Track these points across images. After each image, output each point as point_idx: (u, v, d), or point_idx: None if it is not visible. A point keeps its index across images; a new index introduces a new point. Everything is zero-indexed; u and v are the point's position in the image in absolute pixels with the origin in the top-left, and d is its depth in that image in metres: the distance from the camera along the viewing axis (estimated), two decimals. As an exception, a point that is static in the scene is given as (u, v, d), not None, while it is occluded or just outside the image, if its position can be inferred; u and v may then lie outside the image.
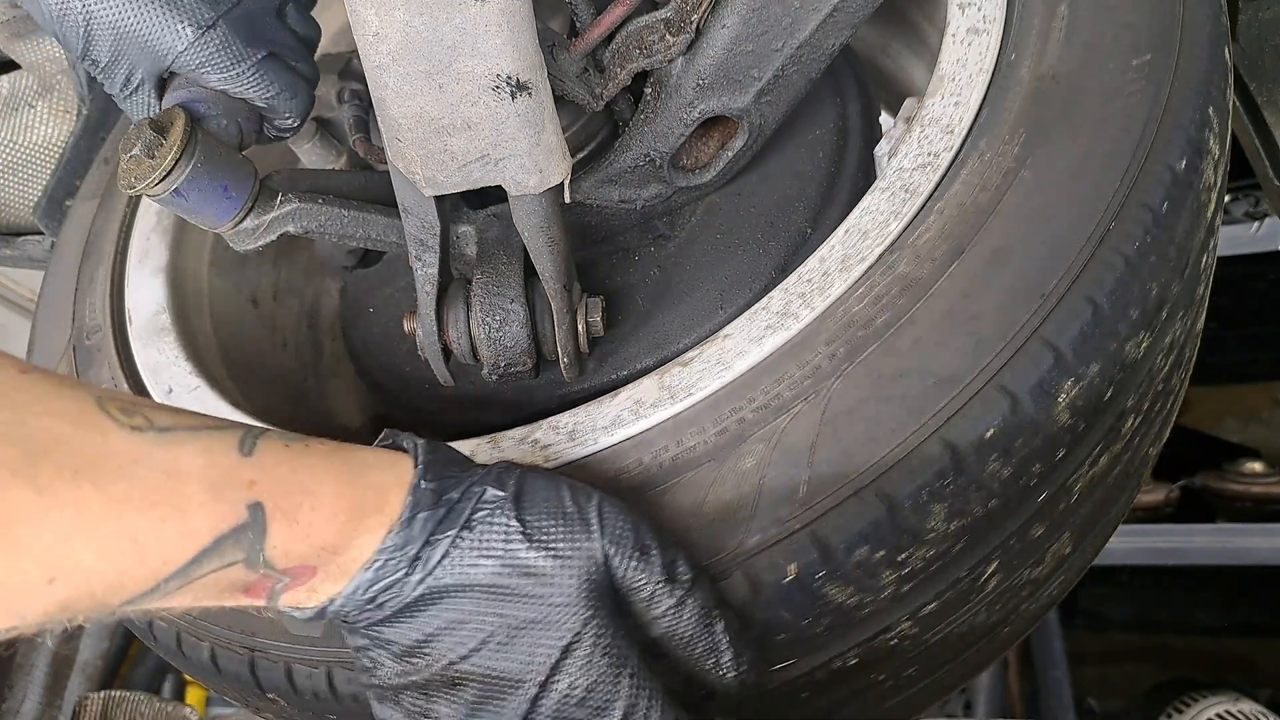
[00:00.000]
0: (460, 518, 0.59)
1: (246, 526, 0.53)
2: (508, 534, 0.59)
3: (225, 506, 0.52)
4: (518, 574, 0.59)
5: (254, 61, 0.73)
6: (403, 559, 0.57)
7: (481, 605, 0.58)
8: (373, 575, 0.57)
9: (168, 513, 0.50)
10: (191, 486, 0.51)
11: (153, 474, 0.50)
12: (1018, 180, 0.70)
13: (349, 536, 0.57)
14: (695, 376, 0.72)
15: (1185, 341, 0.79)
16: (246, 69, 0.73)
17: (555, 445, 0.73)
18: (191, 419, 0.56)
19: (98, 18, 0.68)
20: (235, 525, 0.53)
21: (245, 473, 0.54)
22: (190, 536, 0.51)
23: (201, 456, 0.53)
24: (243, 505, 0.53)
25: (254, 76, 0.73)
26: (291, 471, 0.56)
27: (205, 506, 0.52)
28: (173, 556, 0.51)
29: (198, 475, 0.52)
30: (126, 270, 1.03)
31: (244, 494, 0.53)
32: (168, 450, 0.52)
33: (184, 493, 0.51)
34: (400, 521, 0.58)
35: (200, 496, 0.52)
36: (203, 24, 0.70)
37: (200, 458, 0.53)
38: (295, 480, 0.56)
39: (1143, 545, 2.09)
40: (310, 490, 0.56)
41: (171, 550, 0.51)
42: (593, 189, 0.89)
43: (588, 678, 0.58)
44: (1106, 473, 0.74)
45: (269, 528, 0.54)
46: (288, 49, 0.76)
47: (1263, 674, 2.29)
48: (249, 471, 0.54)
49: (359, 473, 0.59)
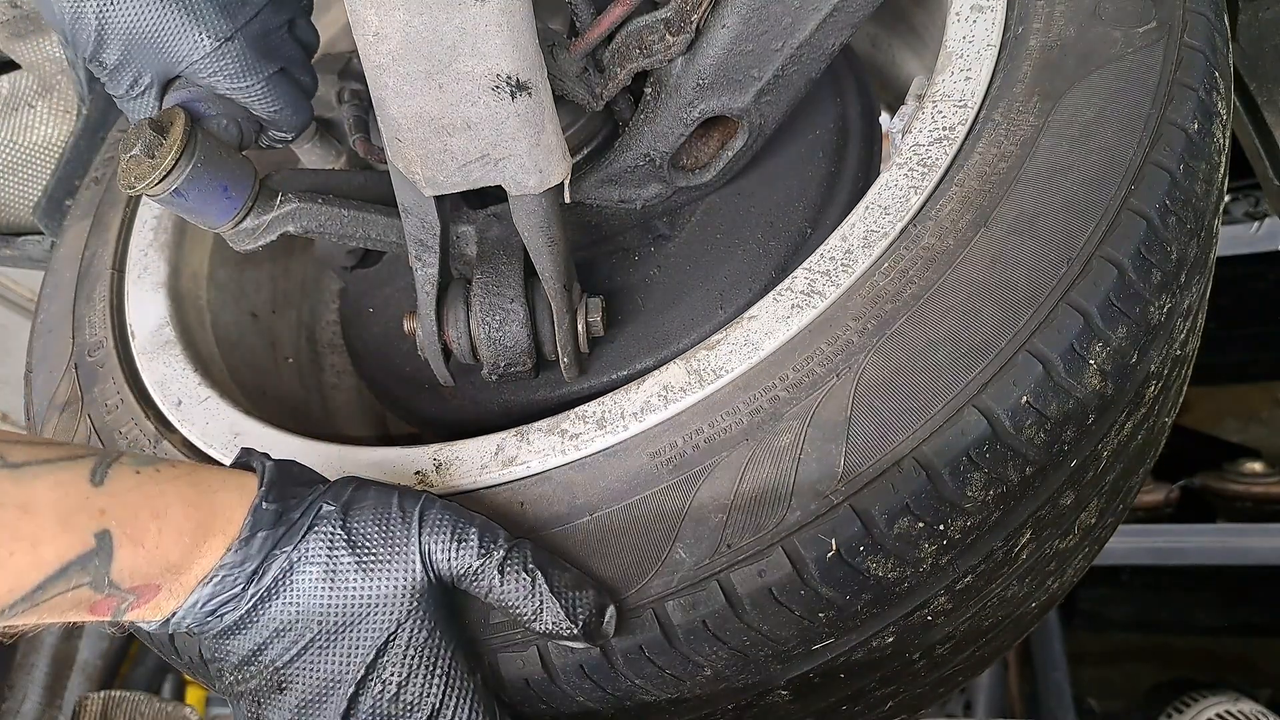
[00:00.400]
0: (298, 534, 0.63)
1: (93, 553, 0.56)
2: (332, 542, 0.63)
3: (74, 536, 0.55)
4: (339, 579, 0.62)
5: (265, 76, 0.74)
6: (240, 574, 0.61)
7: (305, 611, 0.62)
8: (211, 590, 0.61)
9: (18, 547, 0.53)
10: (42, 519, 0.54)
11: (6, 512, 0.53)
12: (1036, 148, 0.72)
13: (193, 556, 0.60)
14: (724, 359, 0.73)
15: (1199, 307, 0.80)
16: (257, 83, 0.74)
17: (584, 434, 0.74)
18: (47, 450, 0.58)
19: (112, 21, 0.69)
20: (82, 553, 0.55)
21: (96, 501, 0.57)
22: (37, 566, 0.54)
23: (54, 490, 0.56)
24: (90, 534, 0.56)
25: (263, 90, 0.74)
26: (142, 497, 0.59)
27: (56, 538, 0.55)
28: (19, 585, 0.54)
29: (49, 508, 0.55)
30: (125, 286, 1.03)
31: (94, 522, 0.56)
32: (21, 487, 0.55)
33: (35, 525, 0.54)
34: (239, 540, 0.61)
35: (51, 529, 0.55)
36: (220, 35, 0.70)
37: (53, 491, 0.56)
38: (145, 505, 0.59)
39: (1143, 545, 2.09)
40: (159, 514, 0.59)
41: (18, 580, 0.53)
42: (593, 189, 0.89)
43: (399, 675, 0.62)
44: (1131, 439, 0.75)
45: (116, 553, 0.57)
46: (296, 64, 0.77)
47: (1263, 674, 2.29)
48: (100, 500, 0.57)
49: (206, 495, 0.62)
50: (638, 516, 0.68)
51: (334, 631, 0.62)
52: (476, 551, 0.65)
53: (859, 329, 0.70)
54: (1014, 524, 0.69)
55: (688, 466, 0.69)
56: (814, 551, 0.64)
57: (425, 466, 0.77)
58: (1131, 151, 0.70)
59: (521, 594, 0.64)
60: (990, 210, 0.71)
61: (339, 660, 0.62)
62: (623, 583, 0.67)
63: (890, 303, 0.70)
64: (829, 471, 0.65)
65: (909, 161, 0.76)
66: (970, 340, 0.66)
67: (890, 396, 0.66)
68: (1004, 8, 0.81)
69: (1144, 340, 0.68)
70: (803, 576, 0.64)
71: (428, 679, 0.63)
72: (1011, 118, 0.75)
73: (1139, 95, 0.72)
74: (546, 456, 0.74)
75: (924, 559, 0.65)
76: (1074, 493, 0.72)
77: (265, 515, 0.63)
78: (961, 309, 0.67)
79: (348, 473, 0.79)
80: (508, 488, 0.74)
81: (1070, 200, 0.69)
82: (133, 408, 0.92)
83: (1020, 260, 0.68)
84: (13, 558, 0.53)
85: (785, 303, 0.74)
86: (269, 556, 0.62)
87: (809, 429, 0.67)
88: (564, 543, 0.69)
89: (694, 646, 0.66)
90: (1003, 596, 0.76)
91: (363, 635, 0.62)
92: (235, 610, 0.62)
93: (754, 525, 0.65)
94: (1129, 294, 0.66)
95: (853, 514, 0.64)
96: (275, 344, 1.19)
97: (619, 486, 0.70)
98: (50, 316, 1.07)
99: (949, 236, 0.71)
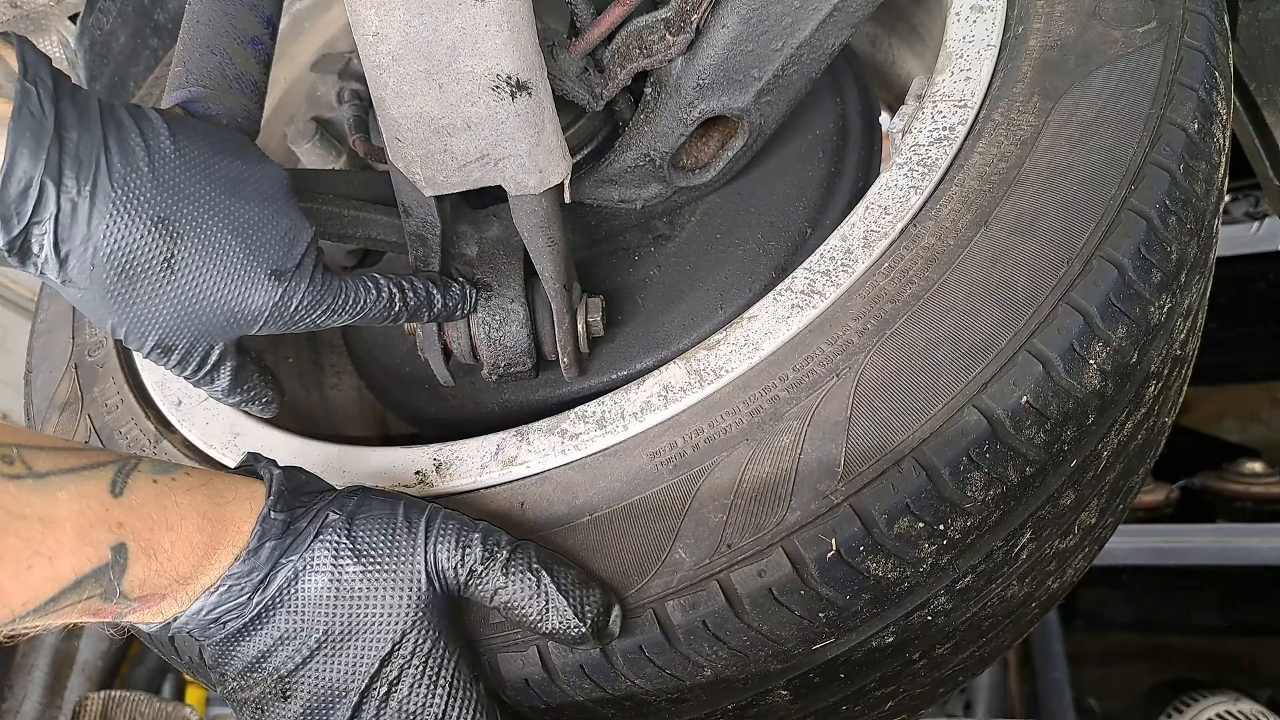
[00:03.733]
0: (304, 543, 0.63)
1: (108, 566, 0.56)
2: (338, 551, 0.63)
3: (91, 550, 0.55)
4: (344, 588, 0.63)
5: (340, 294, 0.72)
6: (247, 584, 0.61)
7: (310, 620, 0.62)
8: (216, 599, 0.61)
9: (36, 561, 0.53)
10: (62, 533, 0.54)
11: (28, 525, 0.53)
12: (1036, 148, 0.72)
13: (202, 568, 0.60)
14: (723, 359, 0.73)
15: (1199, 307, 0.80)
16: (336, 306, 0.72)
17: (584, 434, 0.74)
18: (69, 459, 0.58)
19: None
20: (98, 566, 0.55)
21: (115, 514, 0.57)
22: (54, 579, 0.54)
23: (76, 502, 0.55)
24: (107, 547, 0.56)
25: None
26: (159, 510, 0.59)
27: (74, 552, 0.54)
28: (34, 597, 0.53)
29: (70, 521, 0.55)
30: None
31: (111, 536, 0.56)
32: (44, 497, 0.54)
33: (55, 539, 0.54)
34: (247, 550, 0.62)
35: (70, 542, 0.54)
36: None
37: (75, 503, 0.55)
38: (161, 518, 0.59)
39: (1143, 545, 2.09)
40: (173, 527, 0.59)
41: (34, 592, 0.53)
42: (593, 189, 0.89)
43: (403, 684, 0.62)
44: (1131, 439, 0.75)
45: (130, 565, 0.57)
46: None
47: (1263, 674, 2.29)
48: (119, 512, 0.57)
49: (219, 506, 0.62)
50: (638, 516, 0.68)
51: (339, 640, 0.62)
52: (480, 556, 0.65)
53: (859, 329, 0.70)
54: (1014, 524, 0.69)
55: (688, 466, 0.69)
56: (814, 551, 0.64)
57: (425, 466, 0.77)
58: (1131, 151, 0.70)
59: (527, 594, 0.64)
60: (990, 210, 0.71)
61: (344, 669, 0.62)
62: (623, 583, 0.67)
63: (890, 303, 0.70)
64: (829, 471, 0.65)
65: (909, 161, 0.76)
66: (970, 340, 0.66)
67: (890, 396, 0.66)
68: (1004, 7, 0.81)
69: (1144, 340, 0.68)
70: (803, 576, 0.64)
71: (431, 688, 0.63)
72: (1011, 118, 0.75)
73: (1139, 95, 0.72)
74: (546, 456, 0.74)
75: (924, 559, 0.65)
76: (1074, 493, 0.72)
77: (273, 526, 0.63)
78: (961, 309, 0.67)
79: (348, 473, 0.79)
80: (508, 488, 0.74)
81: (1070, 200, 0.69)
82: (133, 408, 0.92)
83: (1020, 260, 0.68)
84: (30, 571, 0.52)
85: (785, 303, 0.74)
86: (275, 566, 0.62)
87: (809, 429, 0.67)
88: (564, 543, 0.69)
89: (694, 646, 0.66)
90: (1003, 596, 0.76)
91: (368, 644, 0.62)
92: (239, 618, 0.62)
93: (754, 525, 0.65)
94: (1129, 294, 0.66)
95: (853, 514, 0.64)
96: (275, 344, 1.19)
97: (619, 486, 0.70)
98: (50, 316, 1.07)
99: (949, 236, 0.71)
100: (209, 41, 0.77)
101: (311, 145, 1.08)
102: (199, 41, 0.76)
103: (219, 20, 0.78)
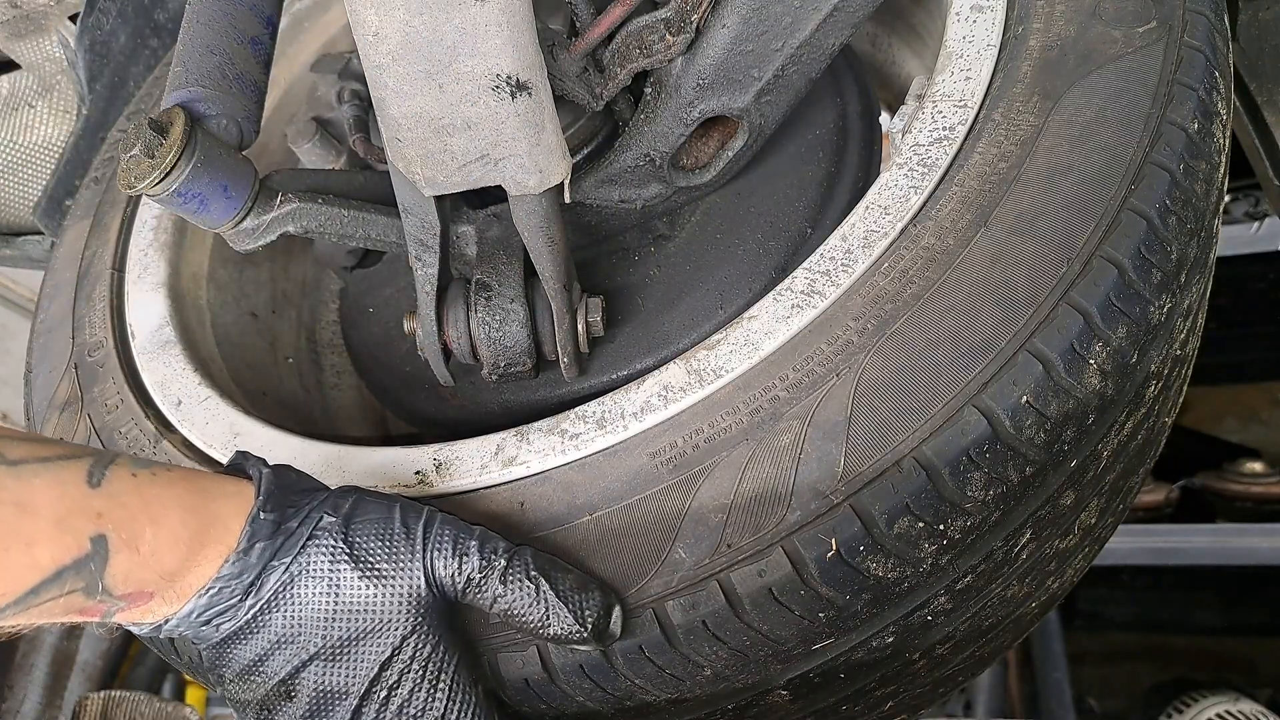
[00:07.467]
0: (296, 545, 0.62)
1: (89, 558, 0.55)
2: (334, 556, 0.63)
3: (70, 539, 0.55)
4: (342, 593, 0.62)
5: None
6: (238, 586, 0.61)
7: (308, 626, 0.62)
8: (207, 601, 0.61)
9: (13, 544, 0.52)
10: (38, 519, 0.53)
11: (3, 509, 0.52)
12: (1036, 148, 0.72)
13: (189, 565, 0.60)
14: (724, 359, 0.73)
15: (1199, 307, 0.80)
16: None
17: (584, 434, 0.74)
18: (45, 448, 0.57)
19: None
20: (78, 557, 0.55)
21: (94, 504, 0.56)
22: (32, 568, 0.53)
23: (52, 489, 0.55)
24: (86, 537, 0.55)
25: None
26: (140, 501, 0.58)
27: (52, 540, 0.54)
28: (13, 588, 0.53)
29: (47, 508, 0.54)
30: (125, 286, 1.03)
31: (90, 526, 0.55)
32: (19, 483, 0.54)
33: (32, 526, 0.53)
34: (237, 551, 0.61)
35: (47, 530, 0.54)
36: None
37: (50, 490, 0.55)
38: (142, 510, 0.58)
39: (1143, 545, 2.09)
40: (155, 519, 0.58)
41: (13, 582, 0.53)
42: (593, 189, 0.89)
43: (403, 688, 0.62)
44: (1131, 439, 0.75)
45: (111, 558, 0.56)
46: None
47: (1263, 674, 2.29)
48: (97, 503, 0.56)
49: (204, 501, 0.62)
50: (637, 516, 0.68)
51: (338, 645, 0.62)
52: (478, 564, 0.64)
53: (859, 329, 0.70)
54: (1014, 524, 0.69)
55: (688, 466, 0.69)
56: (814, 551, 0.64)
57: (425, 466, 0.77)
58: (1132, 151, 0.70)
59: (527, 602, 0.64)
60: (990, 210, 0.71)
61: (344, 673, 0.62)
62: (622, 583, 0.67)
63: (890, 303, 0.70)
64: (829, 471, 0.65)
65: (909, 161, 0.76)
66: (970, 340, 0.66)
67: (890, 396, 0.66)
68: (1004, 7, 0.81)
69: (1144, 340, 0.68)
70: (803, 576, 0.64)
71: (432, 692, 0.63)
72: (1011, 117, 0.75)
73: (1139, 95, 0.72)
74: (546, 456, 0.74)
75: (924, 559, 0.65)
76: (1074, 493, 0.72)
77: (263, 526, 0.62)
78: (961, 309, 0.67)
79: (348, 472, 0.79)
80: (507, 488, 0.74)
81: (1070, 200, 0.69)
82: (133, 408, 0.92)
83: (1020, 260, 0.68)
84: (8, 554, 0.52)
85: (785, 303, 0.74)
86: (267, 568, 0.61)
87: (809, 429, 0.67)
88: (563, 543, 0.69)
89: (694, 646, 0.66)
90: (1003, 596, 0.76)
91: (368, 649, 0.62)
92: (233, 621, 0.61)
93: (754, 525, 0.65)
94: (1129, 294, 0.66)
95: (853, 514, 0.64)
96: (275, 344, 1.19)
97: (619, 486, 0.70)
98: (50, 316, 1.07)
99: (949, 236, 0.71)
100: (209, 41, 0.77)
101: (311, 145, 1.08)
102: (199, 41, 0.77)
103: (219, 20, 0.78)
